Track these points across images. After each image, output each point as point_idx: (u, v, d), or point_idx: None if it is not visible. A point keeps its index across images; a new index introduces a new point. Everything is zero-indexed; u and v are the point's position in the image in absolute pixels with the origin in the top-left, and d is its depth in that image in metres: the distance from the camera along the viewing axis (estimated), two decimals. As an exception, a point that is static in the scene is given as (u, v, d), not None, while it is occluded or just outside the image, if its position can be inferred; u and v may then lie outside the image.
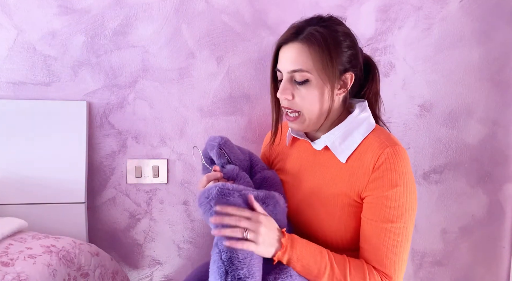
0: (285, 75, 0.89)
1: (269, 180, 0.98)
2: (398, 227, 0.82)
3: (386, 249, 0.82)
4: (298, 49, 0.87)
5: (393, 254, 0.82)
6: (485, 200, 1.37)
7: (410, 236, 0.84)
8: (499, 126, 1.34)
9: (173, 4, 1.25)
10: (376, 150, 0.84)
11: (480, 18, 1.29)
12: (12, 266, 0.88)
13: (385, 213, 0.82)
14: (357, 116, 0.91)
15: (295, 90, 0.88)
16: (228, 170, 0.94)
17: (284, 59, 0.89)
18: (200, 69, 1.28)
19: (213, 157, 0.98)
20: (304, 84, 0.87)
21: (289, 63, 0.87)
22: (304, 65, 0.86)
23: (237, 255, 0.76)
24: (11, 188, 1.21)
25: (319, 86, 0.87)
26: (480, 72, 1.32)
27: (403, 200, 0.82)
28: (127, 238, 1.33)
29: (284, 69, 0.89)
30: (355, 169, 0.87)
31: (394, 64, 1.30)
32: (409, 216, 0.83)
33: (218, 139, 0.96)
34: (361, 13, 1.28)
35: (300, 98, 0.88)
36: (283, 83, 0.89)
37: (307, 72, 0.86)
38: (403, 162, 0.83)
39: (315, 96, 0.87)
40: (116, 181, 1.31)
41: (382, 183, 0.83)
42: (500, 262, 1.40)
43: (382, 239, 0.82)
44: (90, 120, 1.28)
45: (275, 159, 1.09)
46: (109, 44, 1.25)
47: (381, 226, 0.82)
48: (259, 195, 0.86)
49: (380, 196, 0.82)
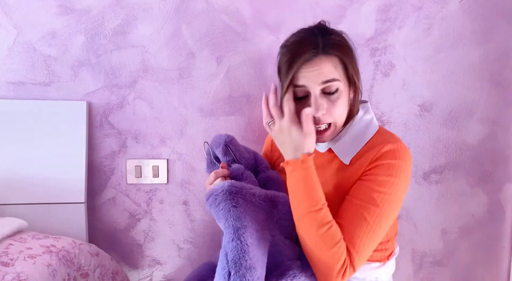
0: (314, 89, 0.85)
1: (273, 180, 0.99)
2: (374, 210, 0.82)
3: (355, 226, 0.82)
4: (325, 60, 0.85)
5: (360, 233, 0.82)
6: (485, 200, 1.37)
7: (383, 225, 0.84)
8: (499, 126, 1.34)
9: (173, 4, 1.25)
10: (379, 145, 0.86)
11: (480, 18, 1.29)
12: (12, 266, 0.88)
13: (366, 193, 0.83)
14: (361, 118, 0.93)
15: (328, 103, 0.87)
16: (234, 169, 0.94)
17: (311, 74, 0.85)
18: (200, 69, 1.28)
19: (218, 154, 0.98)
20: (335, 94, 0.87)
21: (318, 76, 0.84)
22: (333, 75, 0.85)
23: (243, 258, 0.76)
24: (11, 188, 1.21)
25: (345, 92, 0.88)
26: (480, 72, 1.32)
27: (392, 190, 0.83)
28: (127, 238, 1.33)
29: (314, 83, 0.85)
30: (357, 168, 0.88)
31: (394, 64, 1.30)
32: (389, 206, 0.83)
33: (225, 137, 0.97)
34: (361, 13, 1.28)
35: (334, 109, 0.87)
36: (316, 99, 0.85)
37: (338, 80, 0.86)
38: (404, 158, 0.84)
39: (344, 103, 0.88)
40: (116, 181, 1.31)
41: (378, 170, 0.84)
42: (500, 262, 1.40)
43: (356, 216, 0.83)
44: (90, 120, 1.28)
45: (277, 159, 1.09)
46: (109, 44, 1.25)
47: (359, 204, 0.83)
48: (268, 195, 0.86)
49: (371, 179, 0.84)
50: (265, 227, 0.84)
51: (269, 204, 0.86)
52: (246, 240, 0.77)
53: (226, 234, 0.80)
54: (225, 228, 0.81)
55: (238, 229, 0.78)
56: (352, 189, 0.87)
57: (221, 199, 0.83)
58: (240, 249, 0.76)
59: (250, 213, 0.82)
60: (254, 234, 0.80)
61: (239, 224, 0.79)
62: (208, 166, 1.02)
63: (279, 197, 0.88)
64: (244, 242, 0.77)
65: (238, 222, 0.79)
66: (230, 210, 0.81)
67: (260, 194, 0.86)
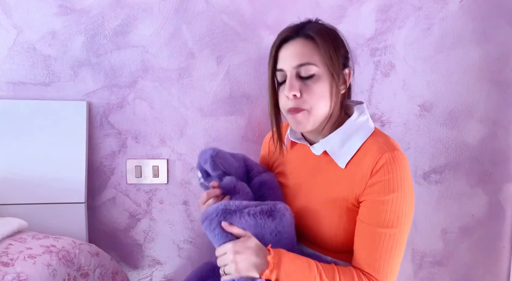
0: (290, 71, 0.87)
1: (267, 183, 0.98)
2: (393, 232, 0.81)
3: (379, 254, 0.81)
4: (302, 44, 0.87)
5: (386, 259, 0.81)
6: (485, 200, 1.37)
7: (404, 242, 0.83)
8: (499, 126, 1.34)
9: (173, 4, 1.25)
10: (375, 155, 0.84)
11: (480, 18, 1.29)
12: (12, 266, 0.88)
13: (381, 218, 0.81)
14: (356, 119, 0.91)
15: (303, 86, 0.87)
16: (226, 183, 0.93)
17: (288, 56, 0.88)
18: (200, 69, 1.28)
19: (208, 170, 0.97)
20: (311, 78, 0.86)
21: (294, 58, 0.86)
22: (310, 58, 0.86)
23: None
24: (11, 188, 1.21)
25: (324, 80, 0.87)
26: (480, 72, 1.32)
27: (400, 206, 0.81)
28: (127, 238, 1.33)
29: (289, 66, 0.87)
30: (353, 174, 0.87)
31: (394, 64, 1.30)
32: (404, 222, 0.82)
33: (210, 151, 0.96)
34: (361, 13, 1.28)
35: (307, 94, 0.86)
36: (290, 79, 0.87)
37: (314, 65, 0.86)
38: (401, 167, 0.82)
39: (322, 90, 0.87)
40: (116, 181, 1.31)
41: (379, 188, 0.82)
42: (500, 262, 1.40)
43: (376, 243, 0.81)
44: (90, 120, 1.28)
45: (274, 163, 1.09)
46: (109, 44, 1.25)
47: (376, 230, 0.81)
48: (264, 209, 0.86)
49: (377, 200, 0.82)
50: (263, 244, 0.84)
51: (265, 219, 0.85)
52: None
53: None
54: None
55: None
56: (361, 213, 0.85)
57: (216, 224, 0.84)
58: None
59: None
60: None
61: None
62: (202, 185, 1.02)
63: (276, 210, 0.86)
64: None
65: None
66: (224, 236, 0.84)
67: (255, 212, 0.85)
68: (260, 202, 0.89)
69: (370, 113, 1.32)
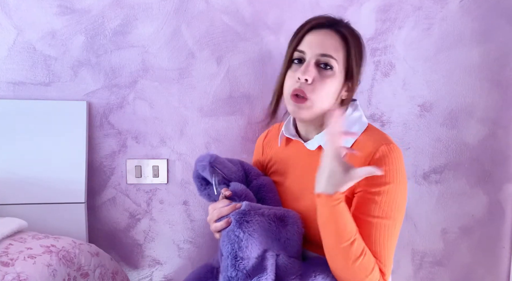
0: (312, 57, 0.88)
1: (265, 187, 0.99)
2: (388, 223, 0.83)
3: (376, 243, 0.82)
4: (332, 37, 0.88)
5: (383, 248, 0.83)
6: (485, 200, 1.37)
7: (398, 232, 0.85)
8: (499, 126, 1.34)
9: (173, 4, 1.25)
10: (371, 148, 0.85)
11: (480, 18, 1.29)
12: (12, 266, 0.88)
13: (375, 209, 0.83)
14: (349, 115, 0.93)
15: (316, 75, 0.87)
16: (239, 190, 0.92)
17: (316, 42, 0.88)
18: (200, 69, 1.28)
19: (206, 177, 0.96)
20: (327, 72, 0.88)
21: (320, 46, 0.87)
22: (335, 53, 0.87)
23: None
24: (11, 188, 1.21)
25: (338, 78, 0.89)
26: (480, 72, 1.32)
27: (394, 197, 0.83)
28: (127, 238, 1.33)
29: (313, 51, 0.88)
30: None
31: (394, 64, 1.30)
32: (398, 213, 0.84)
33: (208, 157, 0.94)
34: (361, 13, 1.28)
35: (318, 84, 0.87)
36: (308, 63, 0.88)
37: (336, 60, 0.87)
38: (396, 160, 0.84)
39: (332, 87, 0.88)
40: (116, 181, 1.31)
41: (374, 180, 0.83)
42: (500, 262, 1.40)
43: (373, 234, 0.82)
44: (90, 120, 1.28)
45: (268, 162, 1.08)
46: (109, 44, 1.25)
47: (370, 221, 0.83)
48: (277, 214, 0.86)
49: (371, 192, 0.83)
50: (270, 248, 0.85)
51: (277, 223, 0.85)
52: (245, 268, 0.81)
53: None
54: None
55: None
56: (357, 206, 0.85)
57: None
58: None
59: (257, 237, 0.83)
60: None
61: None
62: (200, 189, 1.01)
63: (289, 217, 0.87)
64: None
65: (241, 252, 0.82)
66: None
67: (269, 214, 0.86)
68: (272, 207, 0.89)
69: (370, 113, 1.32)
